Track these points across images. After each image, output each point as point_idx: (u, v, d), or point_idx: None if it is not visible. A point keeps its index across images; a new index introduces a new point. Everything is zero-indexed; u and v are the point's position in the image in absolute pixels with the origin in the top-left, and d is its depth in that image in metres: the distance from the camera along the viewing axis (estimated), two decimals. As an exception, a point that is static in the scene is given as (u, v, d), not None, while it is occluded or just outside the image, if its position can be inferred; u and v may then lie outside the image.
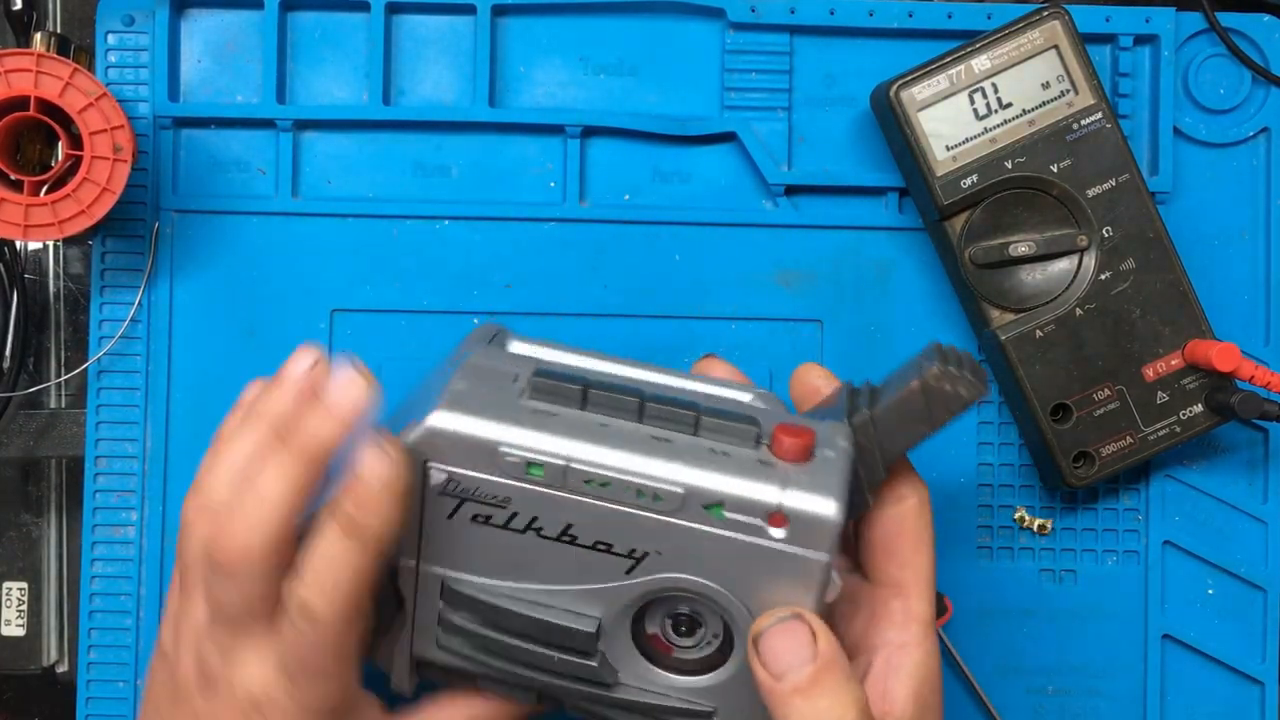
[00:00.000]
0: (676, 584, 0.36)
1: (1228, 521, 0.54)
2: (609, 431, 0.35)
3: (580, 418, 0.36)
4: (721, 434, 0.36)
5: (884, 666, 0.38)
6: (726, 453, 0.35)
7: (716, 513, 0.34)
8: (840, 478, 0.35)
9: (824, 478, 0.34)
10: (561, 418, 0.35)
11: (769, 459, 0.35)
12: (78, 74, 0.47)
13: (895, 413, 0.36)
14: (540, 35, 0.54)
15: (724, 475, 0.34)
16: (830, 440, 0.36)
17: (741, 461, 0.35)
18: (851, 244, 0.54)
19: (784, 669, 0.35)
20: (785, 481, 0.34)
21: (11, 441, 0.54)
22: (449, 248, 0.53)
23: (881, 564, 0.39)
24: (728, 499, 0.34)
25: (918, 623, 0.38)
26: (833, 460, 0.35)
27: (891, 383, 0.38)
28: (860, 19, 0.53)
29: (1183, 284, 0.51)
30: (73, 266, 0.54)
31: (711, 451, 0.35)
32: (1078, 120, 0.50)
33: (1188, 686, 0.54)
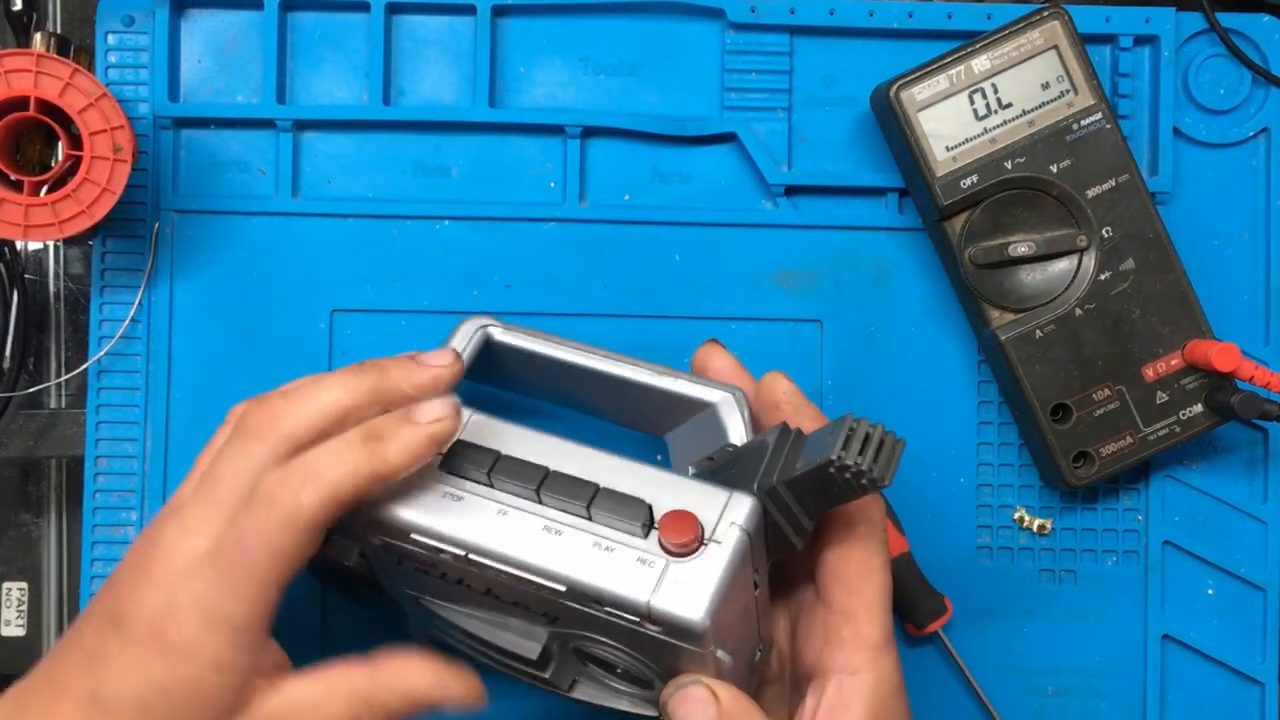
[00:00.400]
0: (591, 641, 0.39)
1: (1228, 521, 0.54)
2: (504, 521, 0.38)
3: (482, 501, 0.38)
4: (611, 521, 0.37)
5: (836, 694, 0.39)
6: (610, 547, 0.37)
7: (599, 606, 0.37)
8: (716, 580, 0.36)
9: (699, 579, 0.36)
10: (465, 502, 0.38)
11: (651, 554, 0.36)
12: (78, 74, 0.47)
13: (803, 484, 0.37)
14: (540, 35, 0.54)
15: (600, 575, 0.36)
16: (725, 524, 0.37)
17: (620, 560, 0.36)
18: (851, 244, 0.54)
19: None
20: (657, 585, 0.36)
21: (11, 441, 0.54)
22: (449, 248, 0.53)
23: (832, 591, 0.40)
24: (603, 598, 0.36)
25: (868, 648, 0.39)
26: (715, 557, 0.36)
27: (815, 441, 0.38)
28: (860, 19, 0.53)
29: (1182, 284, 0.51)
30: (73, 266, 0.54)
31: (595, 546, 0.37)
32: (1077, 120, 0.50)
33: (1188, 686, 0.54)
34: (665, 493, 0.38)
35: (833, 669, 0.39)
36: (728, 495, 0.38)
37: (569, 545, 0.37)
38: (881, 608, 0.39)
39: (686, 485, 0.38)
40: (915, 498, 0.53)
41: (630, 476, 0.39)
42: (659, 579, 0.36)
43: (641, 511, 0.37)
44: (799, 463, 0.37)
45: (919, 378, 0.54)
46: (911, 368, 0.54)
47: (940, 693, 0.53)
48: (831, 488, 0.37)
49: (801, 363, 0.53)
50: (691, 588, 0.36)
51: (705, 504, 0.37)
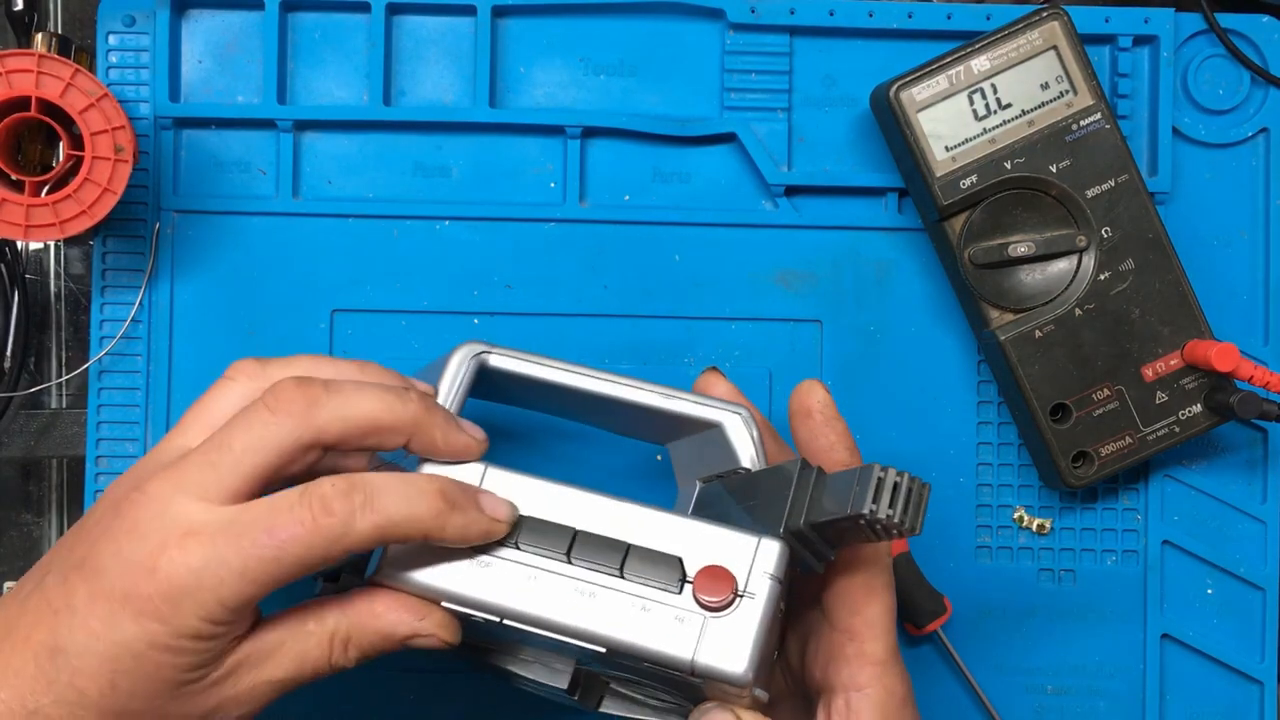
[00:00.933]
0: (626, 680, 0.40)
1: (1227, 521, 0.54)
2: (537, 587, 0.38)
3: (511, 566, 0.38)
4: (645, 579, 0.38)
5: (844, 710, 0.39)
6: (646, 608, 0.37)
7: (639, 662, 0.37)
8: (754, 636, 0.37)
9: (738, 634, 0.37)
10: (494, 568, 0.38)
11: (687, 610, 0.37)
12: (79, 74, 0.47)
13: (831, 528, 0.38)
14: (540, 36, 0.54)
15: (641, 635, 0.37)
16: (757, 573, 0.37)
17: (659, 619, 0.37)
18: (851, 244, 0.54)
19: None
20: (699, 641, 0.37)
21: (12, 441, 0.54)
22: (449, 248, 0.53)
23: (836, 610, 0.40)
24: (646, 656, 0.37)
25: (872, 665, 0.39)
26: (751, 611, 0.37)
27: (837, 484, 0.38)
28: (860, 20, 0.53)
29: (1182, 284, 0.51)
30: (74, 267, 0.54)
31: (632, 606, 0.37)
32: (1077, 121, 0.50)
33: (1187, 686, 0.54)
34: (694, 544, 0.38)
35: (839, 686, 0.40)
36: (756, 541, 0.38)
37: (605, 607, 0.37)
38: (885, 626, 0.40)
39: (713, 533, 0.38)
40: (915, 497, 0.53)
41: (656, 528, 0.39)
42: (699, 636, 0.37)
43: (675, 568, 0.38)
44: (824, 507, 0.38)
45: (919, 378, 0.54)
46: (911, 368, 0.54)
47: (940, 692, 0.53)
48: (858, 533, 0.37)
49: (801, 363, 0.53)
50: (733, 644, 0.36)
51: (735, 553, 0.38)
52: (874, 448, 0.53)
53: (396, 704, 0.53)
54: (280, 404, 0.36)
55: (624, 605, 0.37)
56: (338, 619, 0.38)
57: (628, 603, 0.37)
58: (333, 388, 0.37)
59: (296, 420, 0.36)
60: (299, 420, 0.36)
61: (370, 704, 0.53)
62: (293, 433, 0.36)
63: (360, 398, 0.37)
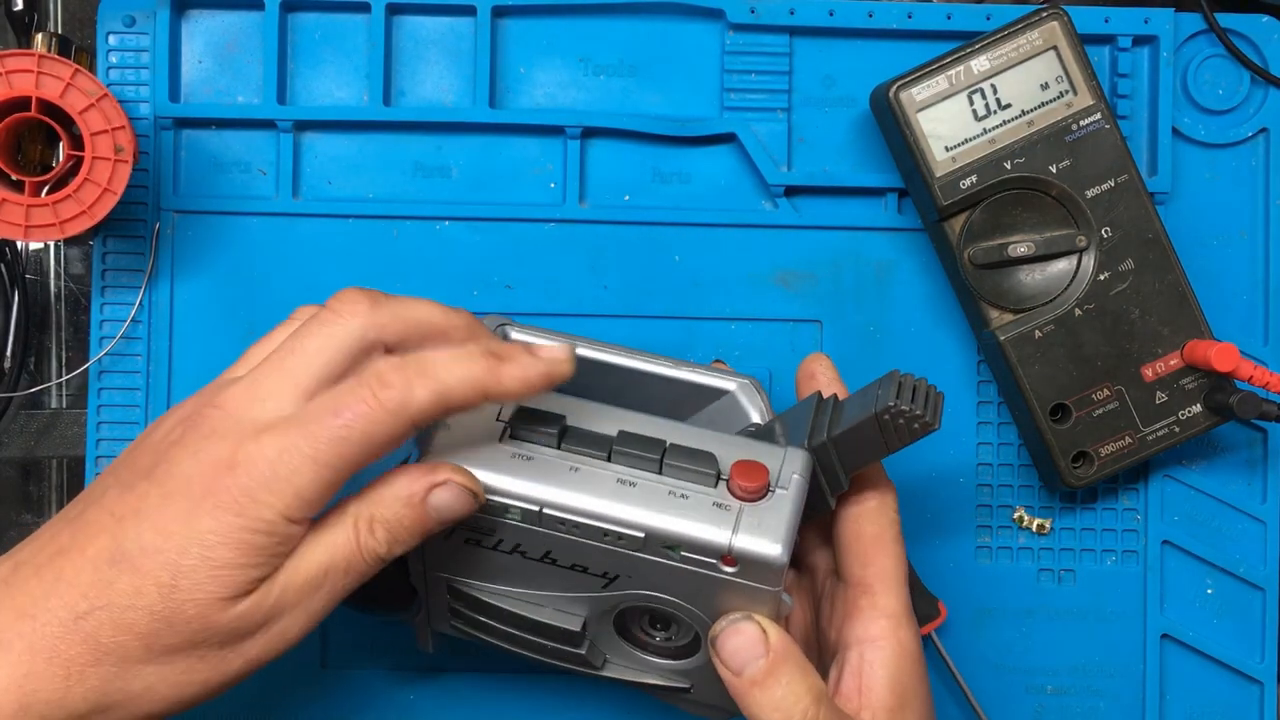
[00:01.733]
0: (647, 599, 0.40)
1: (1226, 521, 0.54)
2: (579, 476, 0.38)
3: (554, 460, 0.39)
4: (683, 473, 0.39)
5: (858, 661, 0.40)
6: (685, 495, 0.38)
7: (675, 551, 0.38)
8: (788, 519, 0.38)
9: (773, 519, 0.38)
10: (536, 461, 0.39)
11: (725, 499, 0.38)
12: (79, 75, 0.47)
13: (852, 438, 0.40)
14: (540, 36, 0.54)
15: (681, 519, 0.38)
16: (787, 472, 0.39)
17: (698, 505, 0.38)
18: (851, 244, 0.54)
19: (741, 664, 0.39)
20: (736, 525, 0.38)
21: (12, 441, 0.54)
22: (449, 248, 0.53)
23: (849, 564, 0.41)
24: (683, 542, 0.38)
25: (886, 617, 0.40)
26: (784, 499, 0.38)
27: (854, 402, 0.41)
28: (860, 20, 0.53)
29: (1181, 284, 0.51)
30: (74, 267, 0.54)
31: (670, 495, 0.38)
32: (1077, 121, 0.50)
33: (1187, 686, 0.54)
34: (727, 448, 0.40)
35: (854, 640, 0.40)
36: (784, 450, 0.40)
37: (646, 495, 0.38)
38: (896, 579, 0.41)
39: (744, 442, 0.40)
40: (915, 498, 0.53)
41: (692, 435, 0.40)
42: (737, 520, 0.38)
43: (712, 462, 0.39)
44: (845, 418, 0.40)
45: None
46: (911, 368, 0.54)
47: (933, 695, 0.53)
48: (877, 440, 0.39)
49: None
50: (769, 526, 0.37)
51: (766, 457, 0.39)
52: (874, 448, 0.53)
53: (397, 704, 0.53)
54: (344, 305, 0.37)
55: (663, 494, 0.38)
56: (356, 504, 0.38)
57: (665, 491, 0.38)
58: (398, 298, 0.39)
59: (360, 319, 0.37)
60: (363, 318, 0.37)
61: (371, 704, 0.53)
62: (357, 330, 0.37)
63: (416, 302, 0.39)
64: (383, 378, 0.36)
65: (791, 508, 0.38)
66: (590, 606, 0.42)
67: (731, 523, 0.37)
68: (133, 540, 0.35)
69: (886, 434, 0.39)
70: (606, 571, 0.40)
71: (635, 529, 0.38)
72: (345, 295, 0.38)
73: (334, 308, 0.38)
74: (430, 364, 0.37)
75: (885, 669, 0.40)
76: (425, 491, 0.37)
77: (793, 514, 0.38)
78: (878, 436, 0.39)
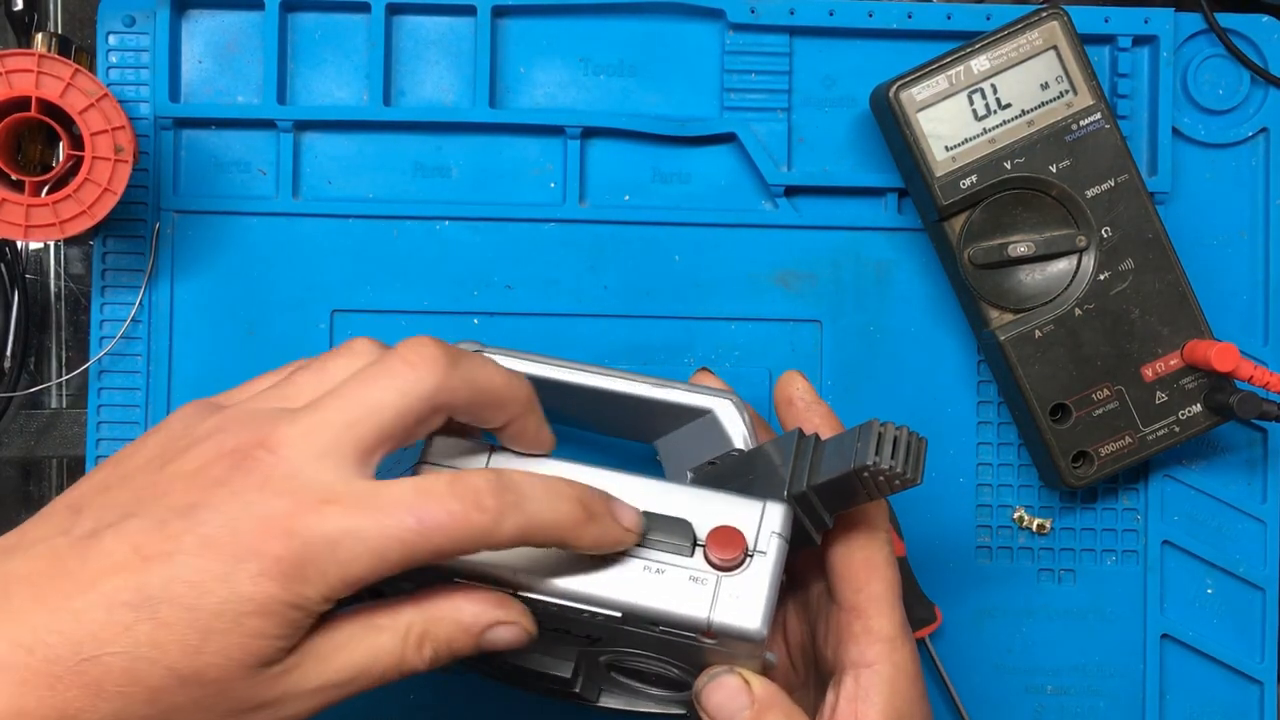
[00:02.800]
0: (633, 657, 0.40)
1: (1227, 521, 0.54)
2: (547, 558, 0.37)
3: None
4: (659, 545, 0.38)
5: (854, 686, 0.39)
6: (661, 570, 0.37)
7: (655, 626, 0.37)
8: (766, 590, 0.37)
9: (752, 591, 0.37)
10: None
11: (701, 571, 0.37)
12: (79, 75, 0.47)
13: (832, 488, 0.38)
14: (540, 36, 0.54)
15: (657, 597, 0.37)
16: (765, 533, 0.38)
17: (674, 581, 0.37)
18: (851, 244, 0.54)
19: (727, 718, 0.38)
20: (714, 601, 0.37)
21: (12, 441, 0.54)
22: (449, 248, 0.53)
23: (840, 589, 0.40)
24: (661, 619, 0.37)
25: (880, 641, 0.40)
26: (763, 567, 0.37)
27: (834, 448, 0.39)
28: (860, 20, 0.53)
29: (1181, 284, 0.51)
30: (74, 267, 0.54)
31: (646, 570, 0.37)
32: (1077, 121, 0.50)
33: (1187, 686, 0.54)
34: (701, 509, 0.39)
35: (848, 664, 0.40)
36: (761, 505, 0.39)
37: (619, 572, 0.37)
38: (890, 601, 0.40)
39: (717, 500, 0.39)
40: (915, 498, 0.53)
41: (662, 497, 0.39)
42: (714, 595, 0.37)
43: (686, 531, 0.38)
44: (825, 468, 0.39)
45: (918, 378, 0.54)
46: (911, 368, 0.54)
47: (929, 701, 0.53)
48: (858, 490, 0.38)
49: (801, 363, 0.53)
50: (747, 600, 0.37)
51: (742, 516, 0.38)
52: (874, 448, 0.53)
53: (397, 704, 0.53)
54: (419, 359, 0.35)
55: (637, 570, 0.37)
56: (413, 614, 0.36)
57: (640, 567, 0.37)
58: (464, 353, 0.36)
59: (436, 379, 0.35)
60: (438, 379, 0.35)
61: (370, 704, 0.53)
62: (429, 389, 0.35)
63: (484, 365, 0.37)
64: (480, 499, 0.34)
65: (771, 577, 0.37)
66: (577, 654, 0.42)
67: (709, 598, 0.37)
68: (160, 588, 0.32)
69: (866, 487, 0.38)
70: (589, 635, 0.39)
71: (612, 609, 0.37)
72: (419, 347, 0.35)
73: (407, 358, 0.35)
74: (527, 498, 0.35)
75: (880, 694, 0.39)
76: (488, 627, 0.36)
77: (772, 584, 0.37)
78: (858, 489, 0.38)
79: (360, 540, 0.33)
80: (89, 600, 0.32)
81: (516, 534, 0.34)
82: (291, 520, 0.33)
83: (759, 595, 0.37)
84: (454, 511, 0.33)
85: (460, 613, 0.36)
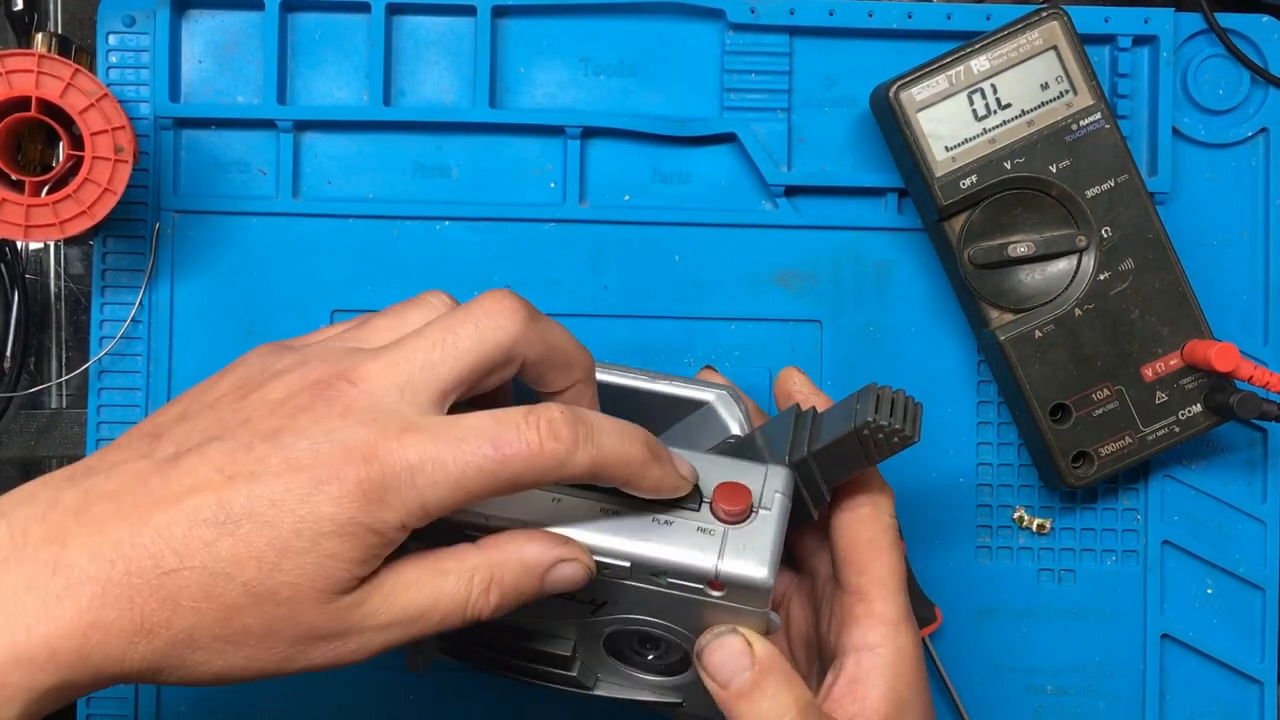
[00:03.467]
0: (636, 622, 0.40)
1: (1227, 521, 0.54)
2: (562, 508, 0.38)
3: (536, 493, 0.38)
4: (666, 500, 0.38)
5: (855, 668, 0.40)
6: (669, 521, 0.38)
7: (661, 578, 0.38)
8: (773, 541, 0.38)
9: (758, 541, 0.38)
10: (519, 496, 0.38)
11: (709, 524, 0.38)
12: (79, 75, 0.47)
13: (832, 453, 0.40)
14: (540, 36, 0.54)
15: (666, 547, 0.37)
16: (769, 491, 0.39)
17: (682, 531, 0.38)
18: (851, 244, 0.54)
19: (727, 677, 0.38)
20: (721, 550, 0.37)
21: (12, 441, 0.54)
22: (449, 248, 0.53)
23: (845, 572, 0.41)
24: (669, 569, 0.37)
25: (883, 625, 0.40)
26: (768, 520, 0.38)
27: (833, 416, 0.41)
28: (860, 20, 0.53)
29: (1181, 284, 0.51)
30: (74, 267, 0.54)
31: (654, 522, 0.38)
32: (1077, 121, 0.50)
33: (1187, 686, 0.54)
34: (708, 469, 0.40)
35: (851, 647, 0.40)
36: (765, 468, 0.40)
37: (629, 524, 0.38)
38: (894, 585, 0.40)
39: (726, 462, 0.40)
40: (915, 498, 0.53)
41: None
42: (722, 544, 0.37)
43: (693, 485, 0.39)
44: (825, 433, 0.40)
45: (919, 378, 0.54)
46: (911, 368, 0.54)
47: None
48: (857, 454, 0.39)
49: (801, 363, 0.53)
50: (754, 549, 0.37)
51: (748, 477, 0.39)
52: (874, 448, 0.53)
53: (397, 704, 0.53)
54: (501, 310, 0.36)
55: (646, 521, 0.38)
56: (477, 558, 0.36)
57: (650, 519, 0.38)
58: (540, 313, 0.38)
59: (515, 330, 0.36)
60: (517, 330, 0.36)
61: (371, 704, 0.53)
62: (508, 340, 0.36)
63: (562, 329, 0.38)
64: (555, 429, 0.34)
65: (776, 529, 0.38)
66: (579, 631, 0.42)
67: (717, 547, 0.37)
68: (242, 504, 0.32)
69: (866, 448, 0.39)
70: (594, 598, 0.40)
71: (621, 559, 0.37)
72: (501, 299, 0.36)
73: (489, 308, 0.36)
74: (598, 430, 0.35)
75: (882, 677, 0.39)
76: (552, 564, 0.36)
77: (777, 535, 0.38)
78: (858, 450, 0.39)
79: (440, 467, 0.33)
80: (171, 516, 0.32)
81: (588, 465, 0.35)
82: (373, 447, 0.33)
83: (765, 544, 0.37)
84: (530, 441, 0.34)
85: (524, 553, 0.36)
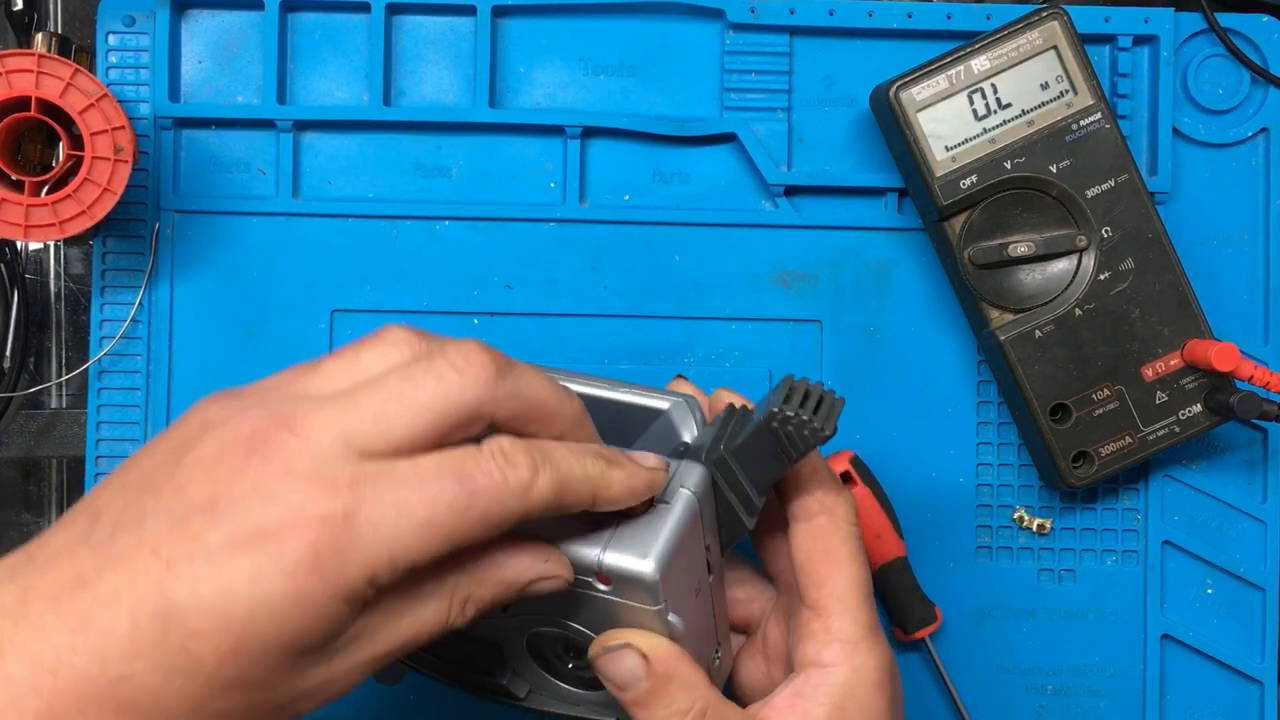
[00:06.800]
0: (544, 622, 0.39)
1: (1227, 521, 0.54)
2: None
3: None
4: None
5: (803, 683, 0.38)
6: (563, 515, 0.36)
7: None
8: (664, 534, 0.36)
9: (648, 535, 0.36)
10: None
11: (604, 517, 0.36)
12: (79, 74, 0.47)
13: (750, 449, 0.38)
14: (540, 36, 0.54)
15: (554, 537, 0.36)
16: (673, 487, 0.37)
17: (573, 523, 0.36)
18: (851, 244, 0.54)
19: (624, 684, 0.37)
20: (608, 542, 0.36)
21: (12, 441, 0.54)
22: (449, 248, 0.53)
23: (803, 585, 0.39)
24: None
25: (839, 642, 0.38)
26: (663, 513, 0.37)
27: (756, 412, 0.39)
28: (860, 20, 0.53)
29: (1182, 284, 0.51)
30: (73, 267, 0.54)
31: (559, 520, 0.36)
32: (1077, 121, 0.50)
33: (1187, 686, 0.54)
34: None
35: (804, 663, 0.38)
36: (676, 464, 0.38)
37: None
38: (853, 599, 0.38)
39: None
40: (915, 498, 0.53)
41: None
42: (610, 537, 0.36)
43: None
44: (743, 430, 0.38)
45: (919, 378, 0.54)
46: (911, 368, 0.54)
47: (926, 699, 0.53)
48: (776, 450, 0.37)
49: (801, 363, 0.53)
50: (641, 541, 0.36)
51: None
52: (874, 447, 0.53)
53: (396, 704, 0.53)
54: (468, 365, 0.33)
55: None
56: (457, 575, 0.33)
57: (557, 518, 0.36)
58: (514, 363, 0.34)
59: (482, 387, 0.33)
60: (485, 388, 0.33)
61: (371, 704, 0.53)
62: (474, 398, 0.33)
63: (535, 378, 0.34)
64: (510, 456, 0.32)
65: (671, 522, 0.36)
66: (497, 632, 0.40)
67: (604, 539, 0.36)
68: (187, 594, 0.29)
69: (781, 443, 0.37)
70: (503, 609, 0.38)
71: None
72: (470, 352, 0.33)
73: (456, 364, 0.33)
74: (552, 453, 0.33)
75: (829, 696, 0.37)
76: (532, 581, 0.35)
77: (672, 528, 0.36)
78: (774, 446, 0.37)
79: (404, 512, 0.30)
80: (112, 613, 0.29)
81: (553, 490, 0.33)
82: (322, 504, 0.30)
83: (654, 537, 0.36)
84: (491, 471, 0.32)
85: (505, 571, 0.34)
